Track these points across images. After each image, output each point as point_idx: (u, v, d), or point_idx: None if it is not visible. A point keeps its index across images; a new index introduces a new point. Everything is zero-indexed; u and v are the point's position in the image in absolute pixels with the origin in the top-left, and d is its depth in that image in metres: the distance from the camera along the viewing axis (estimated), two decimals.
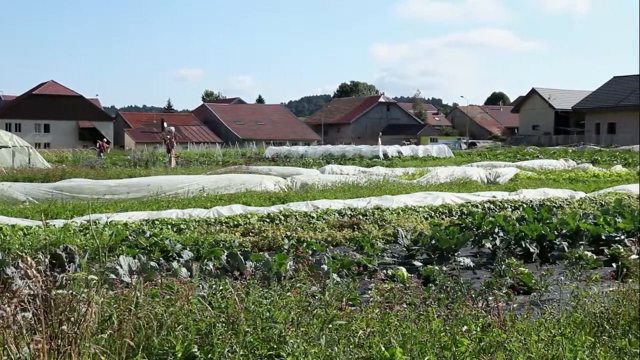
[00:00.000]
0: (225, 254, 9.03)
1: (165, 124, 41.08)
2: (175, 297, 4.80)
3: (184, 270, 7.96)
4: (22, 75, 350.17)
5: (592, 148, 56.71)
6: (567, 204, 15.77)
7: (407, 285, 6.44)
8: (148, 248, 9.85)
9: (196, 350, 4.28)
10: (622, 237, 10.99)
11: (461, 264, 9.35)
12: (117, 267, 7.81)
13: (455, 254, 9.86)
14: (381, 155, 43.52)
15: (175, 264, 8.35)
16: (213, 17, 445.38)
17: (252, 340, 4.36)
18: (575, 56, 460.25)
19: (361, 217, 13.55)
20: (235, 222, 12.69)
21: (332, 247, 10.91)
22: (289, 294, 4.90)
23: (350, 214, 13.72)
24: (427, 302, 5.54)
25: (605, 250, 10.27)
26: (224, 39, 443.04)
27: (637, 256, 9.29)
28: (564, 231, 10.94)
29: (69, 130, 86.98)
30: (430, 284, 7.83)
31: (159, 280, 5.78)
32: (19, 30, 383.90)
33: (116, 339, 4.28)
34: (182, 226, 12.18)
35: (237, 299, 4.64)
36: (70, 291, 4.43)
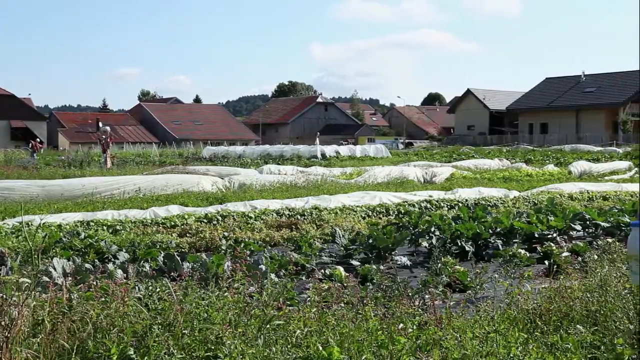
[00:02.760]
0: (162, 255, 8.93)
1: (100, 124, 40.63)
2: (111, 299, 4.73)
3: (119, 272, 7.85)
4: None
5: (525, 148, 57.80)
6: (501, 203, 16.03)
7: (345, 284, 6.47)
8: (83, 250, 9.69)
9: (132, 352, 4.22)
10: (554, 234, 11.24)
11: (398, 262, 9.43)
12: (51, 269, 7.66)
13: (393, 253, 9.94)
14: (319, 155, 43.61)
15: (110, 266, 8.23)
16: (150, 15, 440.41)
17: (189, 341, 4.32)
18: (509, 58, 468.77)
19: (299, 217, 13.56)
20: (173, 223, 12.57)
21: (270, 247, 10.89)
22: (226, 294, 4.88)
23: (288, 214, 13.72)
24: (364, 301, 5.57)
25: (538, 248, 10.47)
26: (161, 38, 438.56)
27: (568, 253, 9.51)
28: (498, 230, 11.12)
29: (0, 130, 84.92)
30: (368, 283, 7.89)
31: (94, 282, 5.69)
32: None
33: (49, 342, 4.20)
34: (118, 227, 12.01)
35: (173, 301, 4.60)
36: (1, 295, 4.33)
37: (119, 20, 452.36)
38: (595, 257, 8.05)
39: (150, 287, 5.17)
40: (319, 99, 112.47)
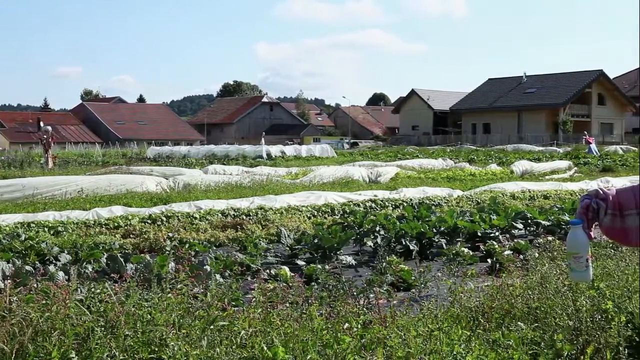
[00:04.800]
0: (105, 256, 8.82)
1: (41, 124, 39.94)
2: (52, 301, 4.65)
3: (61, 273, 7.72)
4: None
5: (468, 148, 58.54)
6: (445, 202, 16.20)
7: (290, 284, 6.46)
8: (23, 252, 9.50)
9: (74, 355, 4.16)
10: (497, 233, 11.39)
11: (343, 262, 9.46)
12: None
13: (338, 252, 9.97)
14: (265, 155, 43.52)
15: (52, 268, 8.09)
16: (92, 13, 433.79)
17: (132, 343, 4.27)
18: (454, 58, 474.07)
19: (244, 217, 13.52)
20: (116, 224, 12.42)
21: (215, 248, 10.83)
22: (169, 295, 4.83)
23: (233, 214, 13.66)
24: (309, 301, 5.57)
25: (481, 247, 10.59)
26: (105, 36, 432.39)
27: (510, 251, 9.66)
28: (442, 229, 11.23)
29: None
30: (313, 283, 7.89)
31: (35, 285, 5.58)
32: None
33: None
34: (59, 229, 11.82)
35: (116, 302, 4.54)
36: None
37: (61, 17, 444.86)
38: (536, 255, 8.19)
39: (93, 289, 5.10)
40: (265, 99, 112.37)
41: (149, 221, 12.76)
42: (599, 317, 4.93)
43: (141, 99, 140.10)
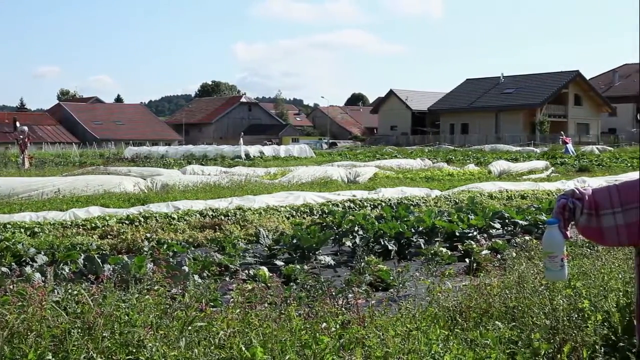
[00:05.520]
0: (82, 257, 8.77)
1: (17, 124, 39.63)
2: (28, 303, 4.61)
3: (37, 275, 7.66)
4: None
5: (447, 148, 58.74)
6: (423, 202, 16.24)
7: (269, 284, 6.46)
8: None
9: (50, 357, 4.13)
10: (475, 233, 11.45)
11: (322, 262, 9.47)
12: None
13: (317, 252, 9.97)
14: (243, 156, 43.41)
15: (28, 269, 8.03)
16: (69, 12, 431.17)
17: (109, 345, 4.25)
18: (432, 58, 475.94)
19: (223, 217, 13.48)
20: (93, 225, 12.34)
21: (193, 249, 10.79)
22: (147, 296, 4.81)
23: (212, 215, 13.62)
24: (288, 301, 5.57)
25: (459, 246, 10.63)
26: (82, 36, 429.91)
27: (488, 251, 9.71)
28: (420, 228, 11.27)
29: None
30: (292, 283, 7.90)
31: (11, 286, 5.54)
32: None
33: None
34: (36, 229, 11.72)
35: (92, 304, 4.51)
36: None
37: (37, 16, 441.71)
38: (514, 254, 8.24)
39: (70, 290, 5.07)
40: (243, 99, 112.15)
41: (126, 222, 12.69)
42: (576, 316, 4.97)
43: (119, 99, 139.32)
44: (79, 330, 4.30)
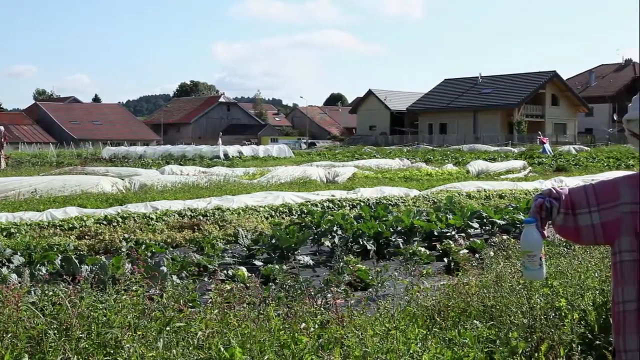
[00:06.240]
0: (60, 258, 8.70)
1: None
2: (4, 304, 4.57)
3: (14, 276, 7.59)
4: None
5: (425, 148, 58.97)
6: (402, 202, 16.28)
7: (248, 285, 6.44)
8: None
9: (27, 359, 4.10)
10: (453, 232, 11.48)
11: (301, 262, 9.46)
12: None
13: (296, 252, 9.96)
14: (222, 156, 43.28)
15: (4, 270, 7.96)
16: (47, 12, 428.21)
17: (87, 346, 4.22)
18: (411, 59, 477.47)
19: (202, 217, 13.44)
20: (71, 225, 12.26)
21: (172, 249, 10.75)
22: (125, 297, 4.78)
23: (190, 215, 13.57)
24: (267, 301, 5.57)
25: (438, 246, 10.67)
26: (59, 34, 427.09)
27: (466, 251, 9.75)
28: (399, 228, 11.29)
29: None
30: (271, 283, 7.89)
31: None
32: None
33: None
34: (12, 230, 11.63)
35: (68, 304, 4.47)
36: None
37: (13, 15, 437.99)
38: (492, 253, 8.27)
39: (46, 291, 5.03)
40: (222, 99, 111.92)
41: (104, 222, 12.61)
42: (553, 314, 5.00)
43: (97, 99, 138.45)
44: (56, 331, 4.27)
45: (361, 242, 10.50)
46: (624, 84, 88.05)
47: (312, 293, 6.45)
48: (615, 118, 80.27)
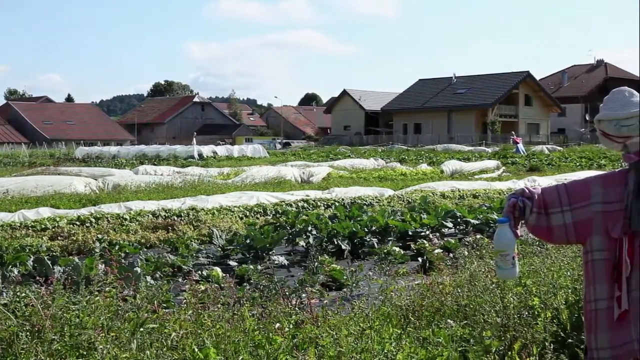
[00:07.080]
0: (32, 259, 8.63)
1: None
2: None
3: None
4: None
5: (400, 148, 59.12)
6: (377, 202, 16.31)
7: (222, 285, 6.42)
8: None
9: None
10: (427, 232, 11.53)
11: (276, 262, 9.45)
12: None
13: (270, 252, 9.95)
14: (196, 156, 43.13)
15: None
16: (20, 10, 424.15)
17: (59, 348, 4.18)
18: (385, 59, 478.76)
19: (176, 218, 13.38)
20: (43, 226, 12.15)
21: (146, 249, 10.69)
22: (98, 298, 4.75)
23: (164, 215, 13.51)
24: (241, 302, 5.56)
25: (412, 245, 10.69)
26: (31, 34, 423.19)
27: (440, 250, 9.79)
28: (374, 228, 11.31)
29: None
30: (245, 283, 7.88)
31: None
32: None
33: None
34: None
35: (40, 306, 4.43)
36: None
37: None
38: (466, 253, 8.31)
39: (18, 293, 4.98)
40: (196, 99, 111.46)
41: (77, 223, 12.52)
42: (526, 313, 5.03)
43: (70, 99, 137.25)
44: (28, 333, 4.23)
45: (336, 242, 10.51)
46: (595, 85, 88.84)
47: (287, 293, 6.45)
48: (587, 118, 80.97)
